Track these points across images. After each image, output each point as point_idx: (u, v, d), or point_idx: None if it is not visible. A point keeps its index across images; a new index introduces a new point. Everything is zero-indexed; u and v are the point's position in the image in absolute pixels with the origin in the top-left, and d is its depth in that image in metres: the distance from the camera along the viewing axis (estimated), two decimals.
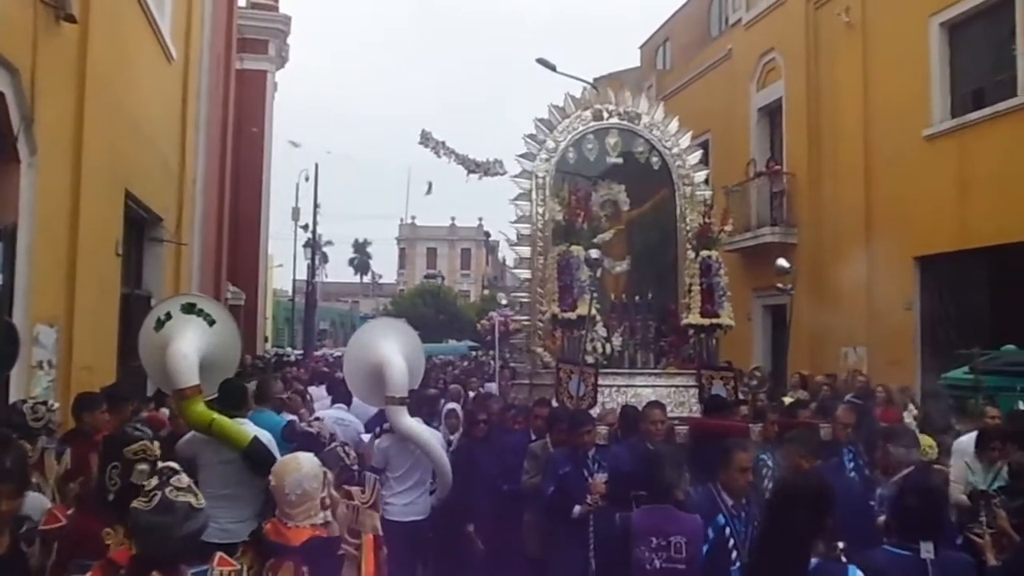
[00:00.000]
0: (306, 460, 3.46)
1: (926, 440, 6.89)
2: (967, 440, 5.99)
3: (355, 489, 4.02)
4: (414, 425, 5.92)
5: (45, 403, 4.85)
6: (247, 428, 5.00)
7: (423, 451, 5.91)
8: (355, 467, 4.32)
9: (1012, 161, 10.59)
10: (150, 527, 2.59)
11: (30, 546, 3.44)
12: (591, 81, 19.10)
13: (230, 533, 4.27)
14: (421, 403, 6.76)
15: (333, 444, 4.79)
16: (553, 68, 19.54)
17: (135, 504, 2.64)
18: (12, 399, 5.31)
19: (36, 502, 3.87)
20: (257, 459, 4.73)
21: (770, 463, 5.66)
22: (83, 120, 6.65)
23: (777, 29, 15.69)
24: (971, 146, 11.39)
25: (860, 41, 13.53)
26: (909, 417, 7.93)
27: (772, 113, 16.28)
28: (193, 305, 5.28)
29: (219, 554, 2.87)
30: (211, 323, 5.25)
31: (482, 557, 6.23)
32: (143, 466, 3.32)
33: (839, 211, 13.76)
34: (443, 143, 8.81)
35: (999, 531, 4.13)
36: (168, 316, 5.20)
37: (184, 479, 2.71)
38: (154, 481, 2.66)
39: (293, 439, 5.26)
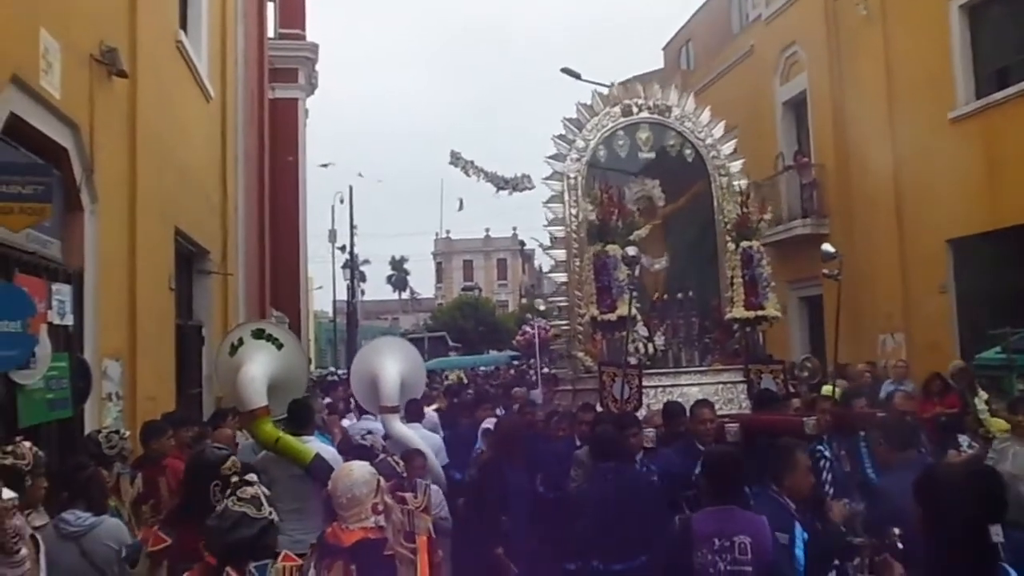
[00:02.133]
0: (358, 468, 3.64)
1: (999, 423, 6.74)
2: None
3: (408, 495, 4.31)
4: (404, 430, 6.54)
5: (118, 432, 5.17)
6: (311, 445, 5.36)
7: None
8: (404, 474, 4.62)
9: None
10: (208, 530, 2.95)
11: (133, 567, 3.78)
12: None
13: (300, 544, 4.51)
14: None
15: (382, 456, 5.10)
16: (578, 76, 19.73)
17: None
18: (87, 430, 5.70)
19: (115, 526, 4.19)
20: (320, 474, 5.03)
21: (827, 454, 5.46)
22: (136, 167, 7.03)
23: (797, 22, 15.73)
24: (997, 126, 11.34)
25: (881, 28, 13.52)
26: (981, 403, 7.67)
27: (797, 106, 16.30)
28: (263, 331, 5.73)
29: (285, 551, 3.15)
30: (279, 347, 5.66)
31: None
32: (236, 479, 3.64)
33: (869, 199, 13.73)
34: (472, 162, 9.01)
35: None
36: (241, 342, 5.64)
37: (249, 491, 3.01)
38: (228, 491, 2.98)
39: (347, 453, 5.60)
